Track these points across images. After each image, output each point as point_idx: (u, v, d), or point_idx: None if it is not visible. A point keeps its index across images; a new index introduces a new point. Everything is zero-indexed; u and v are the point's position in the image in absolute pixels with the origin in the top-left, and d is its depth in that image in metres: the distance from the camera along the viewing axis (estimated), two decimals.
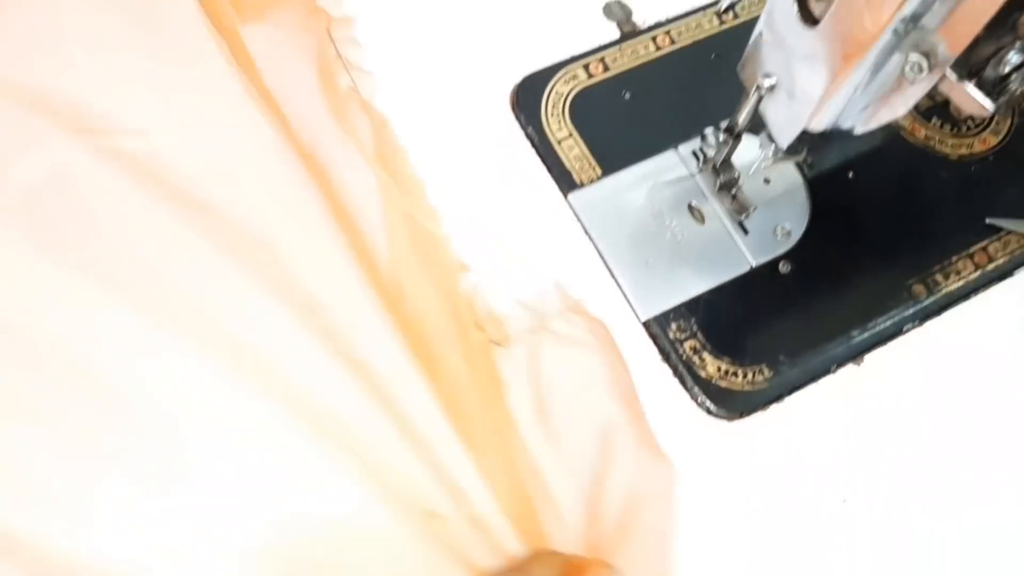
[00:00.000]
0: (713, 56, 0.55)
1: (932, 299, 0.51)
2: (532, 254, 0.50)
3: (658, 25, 0.56)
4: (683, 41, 0.56)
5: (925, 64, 0.35)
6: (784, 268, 0.51)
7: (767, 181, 0.52)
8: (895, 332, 0.50)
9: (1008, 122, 0.56)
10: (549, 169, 0.52)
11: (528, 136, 0.53)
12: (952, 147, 0.55)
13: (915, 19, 0.35)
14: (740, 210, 0.51)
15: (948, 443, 0.47)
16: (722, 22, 0.56)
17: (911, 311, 0.50)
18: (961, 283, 0.51)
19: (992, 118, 0.57)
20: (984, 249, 0.52)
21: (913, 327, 0.50)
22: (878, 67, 0.37)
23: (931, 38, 0.35)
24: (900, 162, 0.54)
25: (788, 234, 0.51)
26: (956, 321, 0.50)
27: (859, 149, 0.54)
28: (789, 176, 0.52)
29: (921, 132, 0.54)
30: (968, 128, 0.55)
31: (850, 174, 0.53)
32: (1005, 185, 0.54)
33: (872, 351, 0.49)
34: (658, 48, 0.55)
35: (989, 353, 0.50)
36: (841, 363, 0.49)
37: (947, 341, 0.50)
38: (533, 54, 0.54)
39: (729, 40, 0.55)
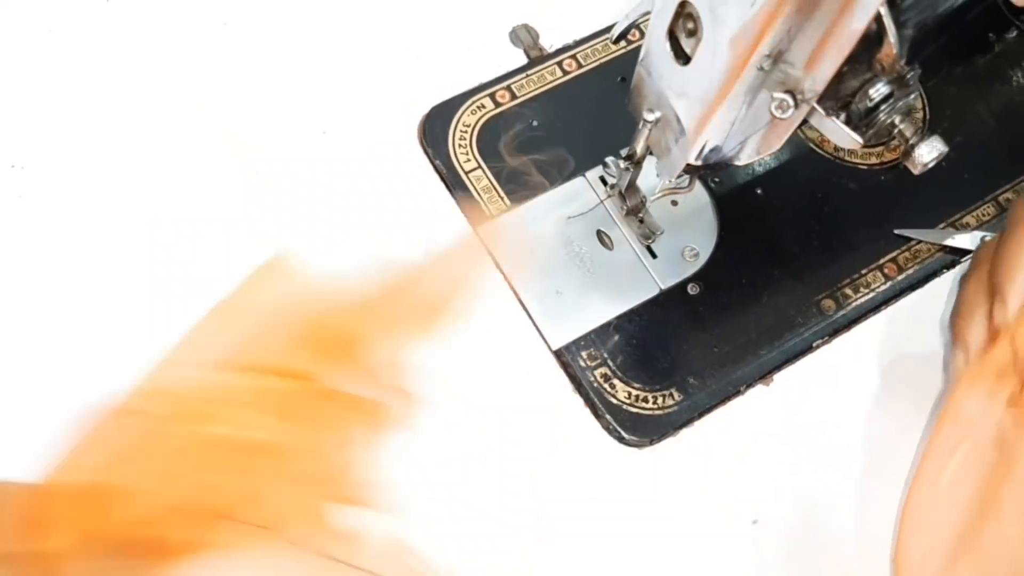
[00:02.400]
0: (620, 79, 0.55)
1: (841, 313, 0.51)
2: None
3: (565, 49, 0.56)
4: (589, 65, 0.56)
5: (791, 101, 0.36)
6: (693, 290, 0.51)
7: (674, 203, 0.52)
8: (804, 349, 0.50)
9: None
10: (458, 202, 0.52)
11: (436, 169, 0.53)
12: (862, 156, 0.55)
13: (777, 57, 0.35)
14: (648, 234, 0.51)
15: (859, 459, 0.48)
16: (628, 42, 0.56)
17: (820, 327, 0.51)
18: (871, 295, 0.52)
19: (924, 111, 0.57)
20: (894, 260, 0.53)
21: (823, 343, 0.51)
22: (748, 104, 0.37)
23: (795, 75, 0.35)
24: (809, 175, 0.54)
25: (696, 255, 0.51)
26: (866, 334, 0.51)
27: (767, 164, 0.54)
28: (697, 196, 0.53)
29: (830, 143, 0.55)
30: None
31: (758, 190, 0.54)
32: (915, 194, 0.54)
33: (782, 369, 0.50)
34: (565, 73, 0.56)
35: (899, 366, 0.50)
36: (750, 383, 0.49)
37: (856, 355, 0.50)
38: (441, 83, 0.55)
39: (635, 62, 0.54)
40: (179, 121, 0.52)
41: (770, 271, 0.52)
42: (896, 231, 0.53)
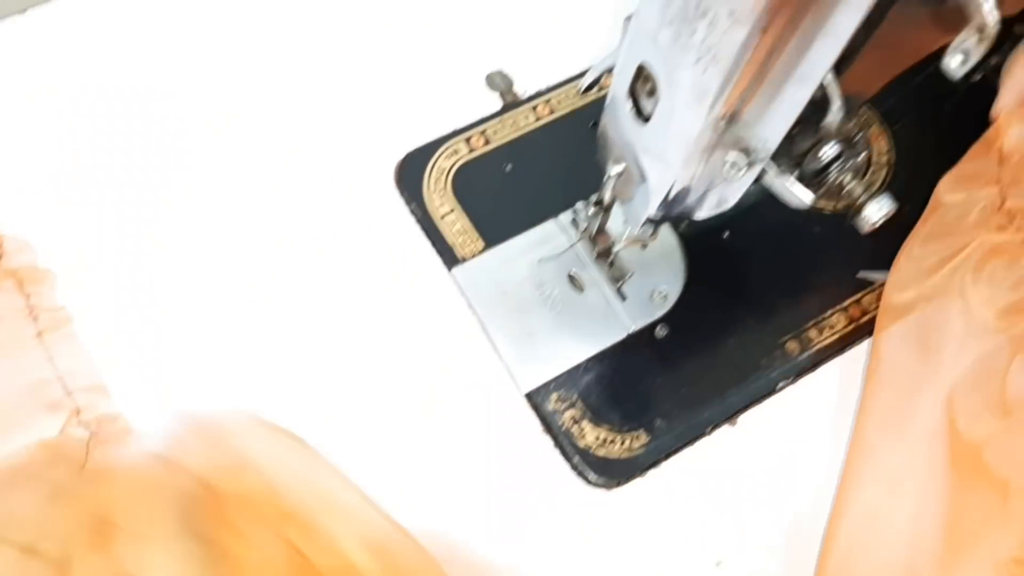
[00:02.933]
0: (591, 124, 0.56)
1: (805, 355, 0.52)
2: (418, 336, 0.51)
3: (539, 94, 0.58)
4: (562, 110, 0.57)
5: (744, 161, 0.37)
6: (661, 332, 0.52)
7: (644, 245, 0.53)
8: (769, 391, 0.51)
9: (883, 172, 0.58)
10: (433, 244, 0.53)
11: (412, 212, 0.54)
12: (826, 201, 0.56)
13: (732, 118, 0.36)
14: (618, 277, 0.52)
15: (824, 500, 0.49)
16: (600, 88, 0.57)
17: (785, 368, 0.52)
18: (835, 337, 0.53)
19: (867, 169, 0.58)
20: (858, 302, 0.54)
21: (787, 384, 0.52)
22: (705, 162, 0.38)
23: (748, 136, 0.37)
24: (775, 219, 0.55)
25: (665, 298, 0.53)
26: (830, 376, 0.52)
27: (734, 208, 0.55)
28: (665, 239, 0.54)
29: None
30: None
31: (725, 234, 0.55)
32: (879, 237, 0.55)
33: (747, 410, 0.51)
34: (538, 118, 0.57)
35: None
36: (716, 424, 0.50)
37: (820, 396, 0.51)
38: (418, 128, 0.56)
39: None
40: (160, 164, 0.53)
41: (736, 313, 0.53)
42: (859, 274, 0.54)
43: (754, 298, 0.54)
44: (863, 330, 0.54)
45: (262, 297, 0.51)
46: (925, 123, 0.59)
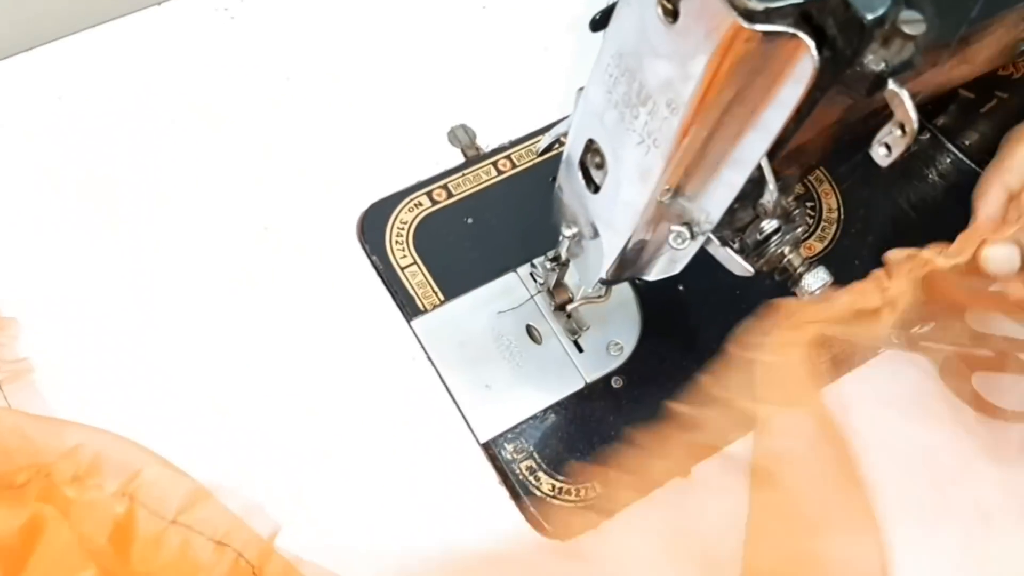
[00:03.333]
0: (550, 179, 0.58)
1: None
2: (377, 386, 0.52)
3: (501, 149, 0.59)
4: (523, 165, 0.59)
5: (687, 233, 0.38)
6: (616, 383, 0.53)
7: (605, 300, 0.55)
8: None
9: (833, 228, 0.60)
10: (393, 296, 0.54)
11: (373, 264, 0.55)
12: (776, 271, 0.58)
13: (675, 193, 0.38)
14: (575, 329, 0.54)
15: None
16: (561, 144, 0.59)
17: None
18: None
19: (819, 223, 0.60)
20: None
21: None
22: (651, 231, 0.40)
23: (691, 210, 0.38)
24: (727, 272, 0.57)
25: (620, 349, 0.54)
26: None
27: (690, 263, 0.57)
28: (622, 291, 0.55)
29: None
30: None
31: (680, 287, 0.56)
32: (828, 291, 0.57)
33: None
34: (499, 172, 0.58)
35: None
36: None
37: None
38: (381, 180, 0.57)
39: None
40: (125, 214, 0.54)
41: (689, 365, 0.54)
42: None
43: (707, 349, 0.55)
44: None
45: (224, 346, 0.52)
46: (874, 179, 0.61)
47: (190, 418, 0.49)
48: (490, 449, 0.51)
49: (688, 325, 0.56)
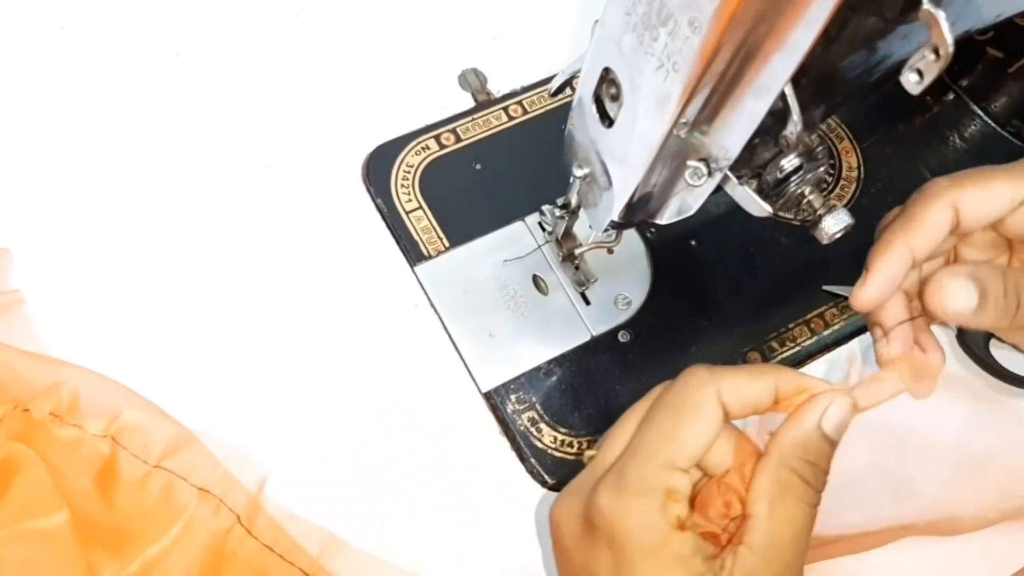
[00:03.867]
0: (563, 126, 0.56)
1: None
2: (378, 331, 0.51)
3: (512, 94, 0.58)
4: (535, 111, 0.57)
5: (704, 169, 0.37)
6: (623, 337, 0.52)
7: (610, 251, 0.53)
8: None
9: (852, 188, 0.58)
10: (397, 240, 0.53)
11: (377, 207, 0.54)
12: (786, 212, 0.56)
13: (693, 126, 0.36)
14: (582, 281, 0.52)
15: None
16: (574, 89, 0.57)
17: None
18: (796, 349, 0.53)
19: (838, 181, 0.59)
20: (821, 315, 0.54)
21: None
22: (666, 168, 0.38)
23: (709, 145, 0.36)
24: (743, 228, 0.56)
25: (628, 303, 0.52)
26: None
27: (702, 216, 0.55)
28: (632, 245, 0.54)
29: None
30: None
31: (693, 242, 0.55)
32: (845, 250, 0.56)
33: None
34: (510, 118, 0.57)
35: None
36: None
37: None
38: (388, 123, 0.56)
39: None
40: (127, 150, 0.53)
41: (699, 322, 0.53)
42: (824, 287, 0.55)
43: (718, 307, 0.54)
44: (825, 343, 0.54)
45: (221, 287, 0.50)
46: (895, 140, 0.60)
47: (181, 360, 0.48)
48: (492, 399, 0.50)
49: (699, 281, 0.54)
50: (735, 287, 0.54)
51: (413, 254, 0.53)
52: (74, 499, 0.40)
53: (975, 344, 0.53)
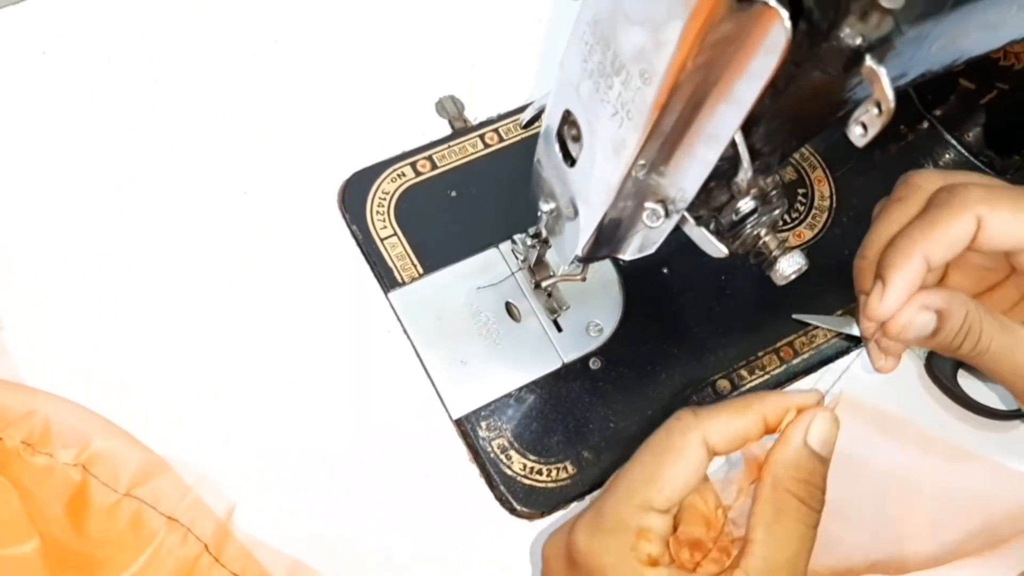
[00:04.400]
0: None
1: (735, 394, 0.53)
2: (350, 357, 0.51)
3: (489, 122, 0.58)
4: (510, 139, 0.58)
5: (662, 211, 0.37)
6: (595, 364, 0.53)
7: (583, 278, 0.54)
8: None
9: (824, 216, 0.59)
10: (372, 266, 0.54)
11: (352, 234, 0.54)
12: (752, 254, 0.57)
13: (651, 169, 0.37)
14: (555, 308, 0.53)
15: None
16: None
17: None
18: (766, 378, 0.54)
19: (809, 210, 0.59)
20: (791, 344, 0.55)
21: None
22: (626, 208, 0.39)
23: (666, 186, 0.37)
24: (713, 257, 0.56)
25: (600, 330, 0.53)
26: None
27: (674, 244, 0.56)
28: (605, 272, 0.55)
29: None
30: (784, 222, 0.58)
31: (664, 269, 0.55)
32: (815, 280, 0.56)
33: None
34: (486, 146, 0.57)
35: None
36: None
37: None
38: (365, 149, 0.56)
39: None
40: (102, 175, 0.53)
41: (670, 349, 0.54)
42: (794, 316, 0.55)
43: (689, 334, 0.54)
44: (794, 371, 0.54)
45: (193, 313, 0.51)
46: (869, 168, 0.60)
47: (151, 385, 0.49)
48: (462, 426, 0.51)
49: (671, 308, 0.55)
50: (706, 314, 0.55)
51: (387, 280, 0.53)
52: (45, 526, 0.41)
53: (943, 374, 0.54)
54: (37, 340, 0.49)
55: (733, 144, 0.34)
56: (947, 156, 0.62)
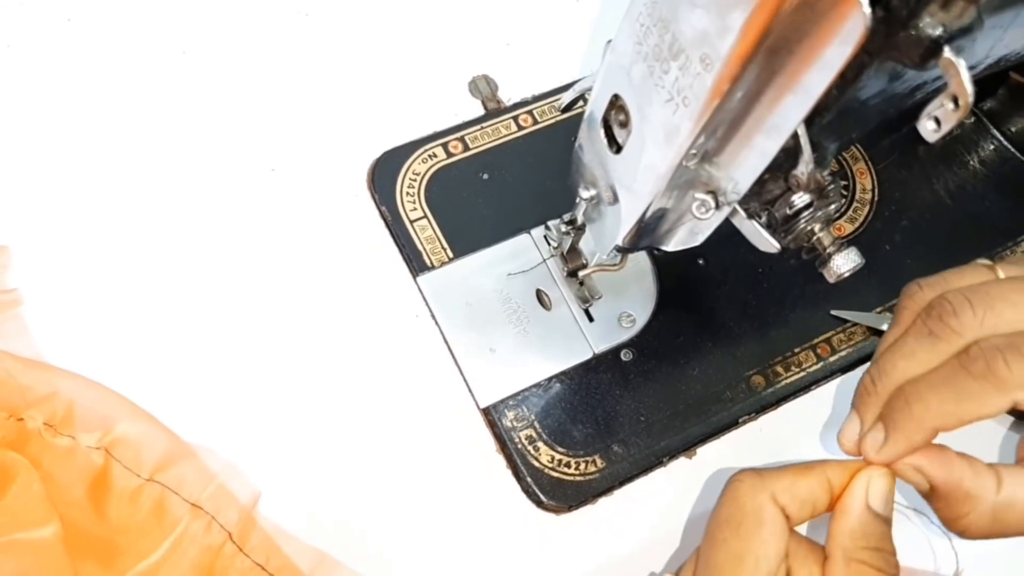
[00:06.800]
0: (572, 138, 0.55)
1: (770, 391, 0.52)
2: (377, 342, 0.50)
3: (523, 103, 0.57)
4: (545, 122, 0.56)
5: (712, 203, 0.36)
6: (626, 356, 0.51)
7: (621, 268, 0.53)
8: (730, 424, 0.51)
9: (865, 210, 0.57)
10: (400, 249, 0.52)
11: (382, 215, 0.53)
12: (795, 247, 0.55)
13: (701, 159, 0.35)
14: (587, 298, 0.52)
15: None
16: (585, 100, 0.56)
17: (748, 403, 0.51)
18: (802, 375, 0.52)
19: (851, 203, 0.58)
20: (828, 341, 0.53)
21: (749, 419, 0.51)
22: (674, 198, 0.38)
23: (718, 177, 0.36)
24: (752, 249, 0.54)
25: (633, 321, 0.52)
26: (792, 414, 0.51)
27: (712, 235, 0.54)
28: (639, 262, 0.53)
29: None
30: None
31: (701, 261, 0.54)
32: (855, 276, 0.55)
33: (706, 443, 0.50)
34: (520, 128, 0.56)
35: (822, 447, 0.51)
36: (673, 455, 0.50)
37: (781, 434, 0.51)
38: (396, 128, 0.55)
39: None
40: (131, 147, 0.52)
41: (703, 343, 0.52)
42: (832, 312, 0.54)
43: (724, 328, 0.53)
44: (831, 369, 0.53)
45: (221, 293, 0.50)
46: (912, 162, 0.59)
47: (177, 367, 0.47)
48: (490, 415, 0.49)
49: (706, 301, 0.53)
50: (741, 308, 0.54)
51: (416, 264, 0.52)
52: (66, 510, 0.40)
53: None
54: (60, 314, 0.47)
55: (794, 135, 0.32)
56: (991, 151, 0.61)
